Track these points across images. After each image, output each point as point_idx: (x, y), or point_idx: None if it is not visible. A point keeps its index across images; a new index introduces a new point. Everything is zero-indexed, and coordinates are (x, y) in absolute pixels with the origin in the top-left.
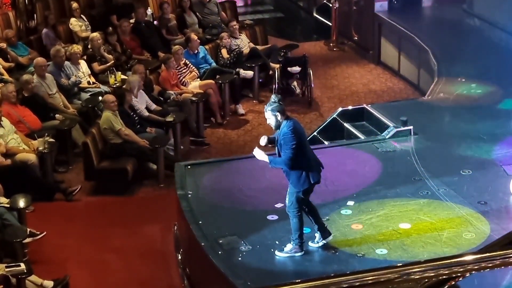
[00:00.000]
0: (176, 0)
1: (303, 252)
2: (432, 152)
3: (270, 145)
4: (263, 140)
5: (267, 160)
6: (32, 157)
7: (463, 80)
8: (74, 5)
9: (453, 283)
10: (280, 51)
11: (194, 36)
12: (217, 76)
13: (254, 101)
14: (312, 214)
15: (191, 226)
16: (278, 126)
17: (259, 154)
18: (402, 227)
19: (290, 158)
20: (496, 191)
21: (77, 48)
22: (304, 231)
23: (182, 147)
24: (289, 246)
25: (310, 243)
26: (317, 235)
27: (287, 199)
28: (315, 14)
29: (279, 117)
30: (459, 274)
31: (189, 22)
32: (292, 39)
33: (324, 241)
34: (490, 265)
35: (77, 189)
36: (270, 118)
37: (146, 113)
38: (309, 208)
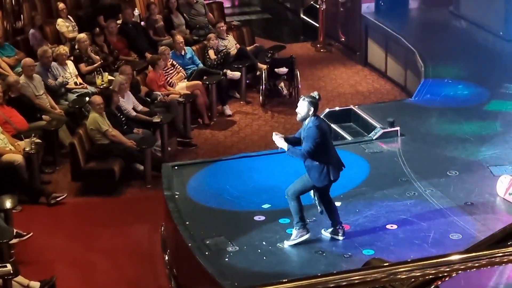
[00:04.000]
0: (163, 1)
1: (309, 234)
2: (419, 153)
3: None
4: (276, 137)
5: (285, 147)
6: (18, 158)
7: (450, 81)
8: (61, 5)
9: (439, 283)
10: (267, 52)
11: (178, 38)
12: (204, 77)
13: (241, 102)
14: (330, 208)
15: (178, 227)
16: (304, 118)
17: (278, 140)
18: (389, 228)
19: (309, 152)
20: (483, 192)
21: (63, 49)
22: (299, 216)
23: (169, 148)
24: (294, 232)
25: (323, 231)
26: (329, 230)
27: (292, 185)
28: (302, 15)
29: (311, 111)
30: (445, 274)
31: (176, 23)
32: (279, 40)
33: (340, 237)
34: (477, 264)
35: (62, 197)
36: (303, 107)
37: (134, 113)
38: (329, 202)
